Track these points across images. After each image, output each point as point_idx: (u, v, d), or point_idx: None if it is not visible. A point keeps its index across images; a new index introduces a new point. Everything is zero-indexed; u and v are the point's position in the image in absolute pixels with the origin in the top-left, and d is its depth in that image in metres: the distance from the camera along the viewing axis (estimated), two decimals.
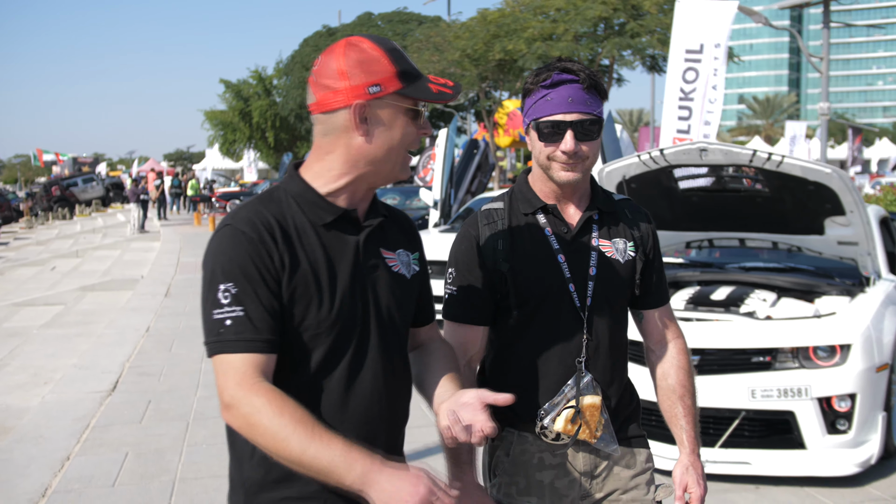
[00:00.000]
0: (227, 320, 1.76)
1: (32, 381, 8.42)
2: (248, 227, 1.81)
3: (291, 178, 1.95)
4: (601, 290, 2.33)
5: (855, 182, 7.84)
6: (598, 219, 2.39)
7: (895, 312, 5.56)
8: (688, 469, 2.37)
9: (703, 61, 11.71)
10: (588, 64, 21.28)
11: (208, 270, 1.81)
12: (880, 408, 5.18)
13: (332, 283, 1.86)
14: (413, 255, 2.09)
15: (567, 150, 2.23)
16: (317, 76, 1.89)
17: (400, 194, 18.37)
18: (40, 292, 15.18)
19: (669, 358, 2.47)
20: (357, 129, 1.86)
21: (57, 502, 5.01)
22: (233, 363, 1.74)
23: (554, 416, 2.28)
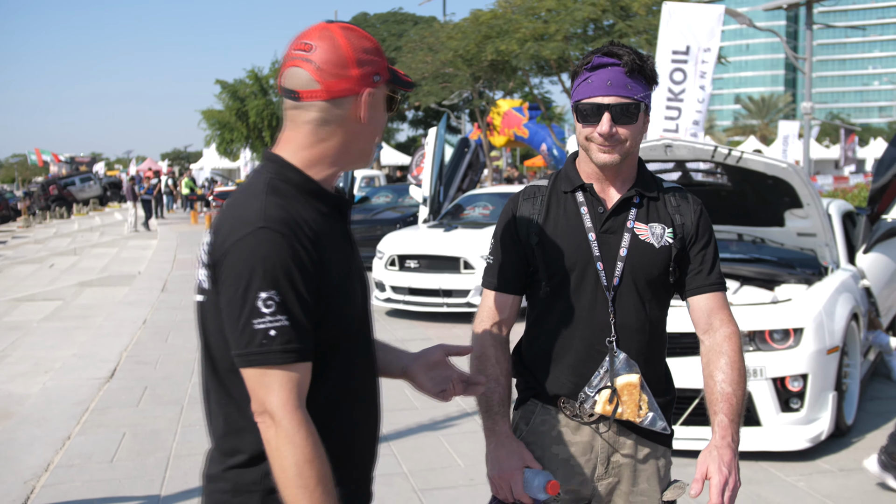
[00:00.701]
0: (270, 330, 1.68)
1: (33, 370, 8.73)
2: (286, 229, 1.73)
3: (286, 167, 1.86)
4: (630, 272, 2.35)
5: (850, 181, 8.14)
6: (639, 202, 2.40)
7: (848, 299, 5.91)
8: (712, 453, 2.22)
9: (690, 62, 12.03)
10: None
11: (244, 275, 1.70)
12: (831, 388, 5.52)
13: (350, 275, 1.87)
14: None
15: (603, 132, 2.26)
16: (318, 62, 1.81)
17: (392, 192, 18.69)
18: (39, 288, 15.46)
19: (714, 346, 2.38)
20: (364, 118, 1.86)
21: (59, 476, 5.35)
22: (278, 377, 1.69)
23: (594, 399, 2.33)
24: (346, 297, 1.83)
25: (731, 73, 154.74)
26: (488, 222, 11.71)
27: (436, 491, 5.02)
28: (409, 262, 10.78)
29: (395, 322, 10.68)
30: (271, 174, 1.84)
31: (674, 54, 11.99)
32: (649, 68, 2.30)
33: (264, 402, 1.68)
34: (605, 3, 19.50)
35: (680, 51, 12.07)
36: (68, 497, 4.98)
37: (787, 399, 5.41)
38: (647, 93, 2.30)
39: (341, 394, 1.85)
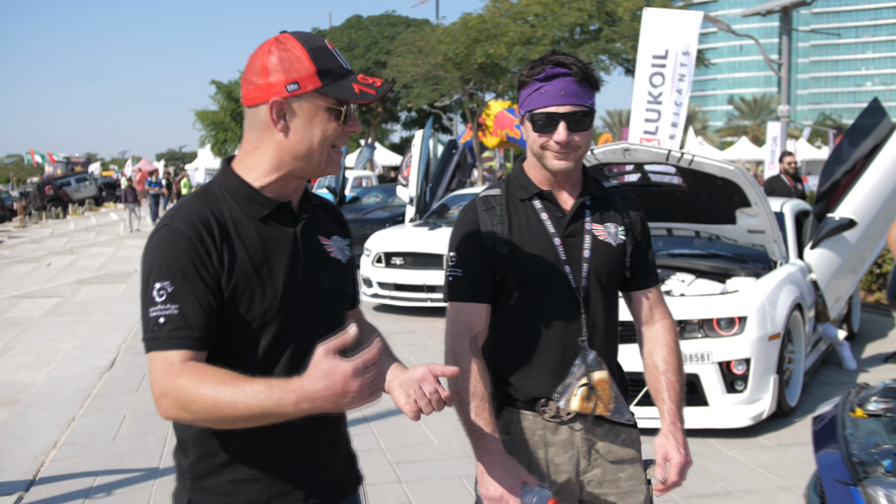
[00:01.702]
0: (160, 318, 1.80)
1: (36, 361, 9.20)
2: (187, 226, 1.86)
3: (225, 173, 2.00)
4: (595, 272, 2.44)
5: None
6: (591, 204, 2.49)
7: (792, 291, 6.42)
8: (668, 438, 2.40)
9: (668, 66, 12.48)
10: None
11: (146, 269, 1.86)
12: (772, 371, 6.03)
13: (274, 274, 1.93)
14: (345, 240, 2.19)
15: (560, 140, 2.34)
16: (245, 72, 1.95)
17: (382, 192, 19.17)
18: (38, 286, 15.85)
19: (656, 336, 2.53)
20: (275, 125, 1.91)
21: (66, 452, 5.84)
22: (164, 359, 1.78)
23: (569, 397, 2.39)
24: (253, 296, 1.89)
25: (725, 73, 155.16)
26: None
27: (409, 464, 5.51)
28: (395, 259, 11.28)
29: (381, 316, 11.17)
30: (215, 180, 2.00)
31: (654, 59, 12.39)
32: (594, 76, 2.39)
33: (153, 388, 1.78)
34: (591, 9, 20.05)
35: (659, 55, 12.46)
36: (75, 470, 5.47)
37: (731, 381, 5.92)
38: (593, 100, 2.40)
39: None
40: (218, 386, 1.69)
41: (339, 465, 2.12)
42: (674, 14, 12.86)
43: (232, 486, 1.93)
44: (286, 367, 1.93)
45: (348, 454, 2.18)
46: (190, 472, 1.95)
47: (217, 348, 1.87)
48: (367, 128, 42.87)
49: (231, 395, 1.67)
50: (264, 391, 1.66)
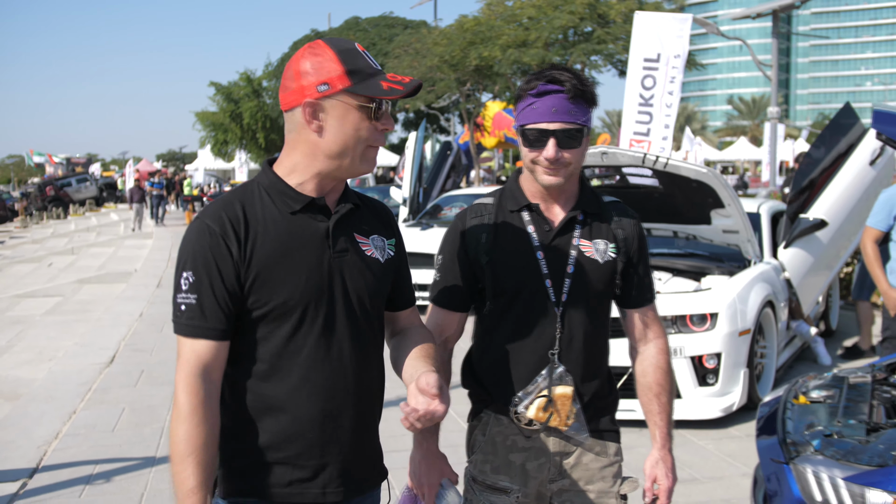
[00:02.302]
0: (182, 305, 1.98)
1: (38, 357, 9.47)
2: (214, 222, 1.99)
3: (265, 172, 2.12)
4: (577, 288, 2.45)
5: None
6: (582, 219, 2.49)
7: (763, 288, 6.70)
8: (657, 462, 2.49)
9: (660, 69, 12.73)
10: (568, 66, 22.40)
11: (179, 257, 2.02)
12: (743, 365, 6.31)
13: (298, 265, 2.01)
14: (389, 240, 2.22)
15: (549, 157, 2.36)
16: (282, 78, 2.06)
17: (379, 193, 19.48)
18: (39, 285, 16.11)
19: (649, 357, 2.56)
20: (309, 125, 2.00)
21: (68, 442, 6.12)
22: (185, 346, 1.97)
23: (527, 404, 2.43)
24: (275, 285, 2.00)
25: (725, 73, 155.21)
26: None
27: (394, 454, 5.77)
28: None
29: None
30: (256, 178, 2.14)
31: (645, 62, 12.62)
32: (590, 92, 2.40)
33: (176, 367, 1.98)
34: (584, 12, 20.33)
35: (651, 58, 12.69)
36: (76, 459, 5.75)
37: (703, 375, 6.20)
38: (588, 116, 2.40)
39: (273, 374, 2.03)
40: (190, 438, 1.89)
41: (364, 457, 2.16)
42: (664, 17, 13.11)
43: (255, 468, 2.03)
44: (310, 357, 2.03)
45: (374, 449, 2.22)
46: (220, 454, 2.03)
47: (245, 334, 2.02)
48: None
49: (182, 453, 1.89)
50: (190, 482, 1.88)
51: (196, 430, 1.90)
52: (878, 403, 3.58)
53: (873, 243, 5.77)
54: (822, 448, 3.10)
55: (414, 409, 1.92)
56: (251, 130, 43.04)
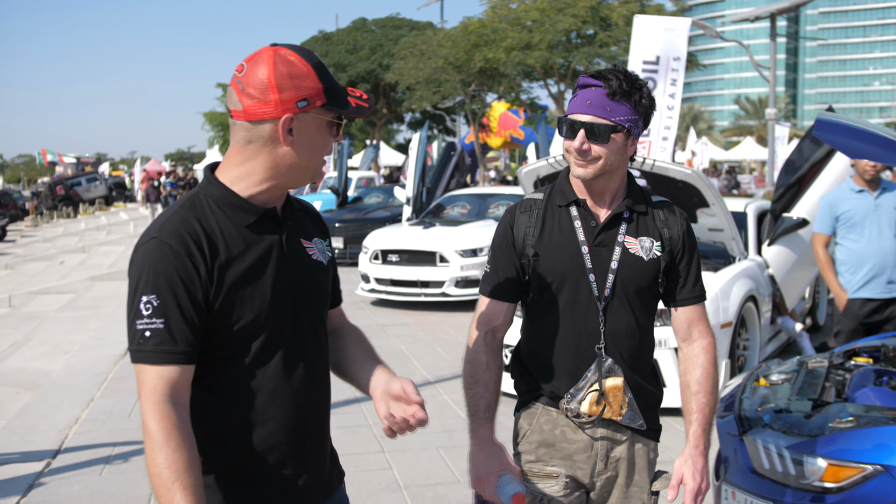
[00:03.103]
0: (146, 331, 1.84)
1: (54, 351, 9.86)
2: (175, 240, 1.88)
3: (211, 182, 2.02)
4: (621, 284, 2.47)
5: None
6: (629, 216, 2.52)
7: (746, 284, 7.04)
8: (686, 462, 2.44)
9: (660, 72, 13.06)
10: (563, 70, 23.09)
11: (133, 280, 1.88)
12: (724, 356, 6.65)
13: (263, 281, 1.97)
14: (325, 241, 2.22)
15: (575, 147, 2.40)
16: (243, 84, 1.92)
17: (383, 192, 19.86)
18: (52, 282, 16.46)
19: (692, 356, 2.56)
20: (283, 140, 1.93)
21: (87, 427, 6.51)
22: (148, 374, 1.83)
23: (580, 399, 2.48)
24: (244, 304, 1.94)
25: (732, 73, 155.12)
26: (465, 220, 12.92)
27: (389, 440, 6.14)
28: (391, 256, 11.93)
29: (378, 310, 11.83)
30: (200, 189, 2.03)
31: (644, 64, 12.91)
32: (639, 95, 2.40)
33: (140, 397, 1.85)
34: (586, 15, 20.67)
35: (650, 61, 12.99)
36: (95, 441, 6.13)
37: None
38: (630, 118, 2.40)
39: (239, 392, 1.98)
40: (171, 465, 1.78)
41: (327, 461, 2.18)
42: (664, 21, 13.43)
43: (230, 485, 2.00)
44: (278, 371, 2.01)
45: (332, 450, 2.26)
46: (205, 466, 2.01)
47: (209, 354, 1.94)
48: (373, 129, 43.45)
49: (165, 482, 1.77)
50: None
51: (175, 454, 1.79)
52: (831, 385, 3.93)
53: (823, 248, 6.12)
54: (771, 422, 3.46)
55: (392, 416, 1.98)
56: None
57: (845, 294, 5.97)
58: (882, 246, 5.83)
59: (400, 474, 5.44)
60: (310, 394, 2.07)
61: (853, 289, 5.93)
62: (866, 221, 5.89)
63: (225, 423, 1.97)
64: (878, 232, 5.85)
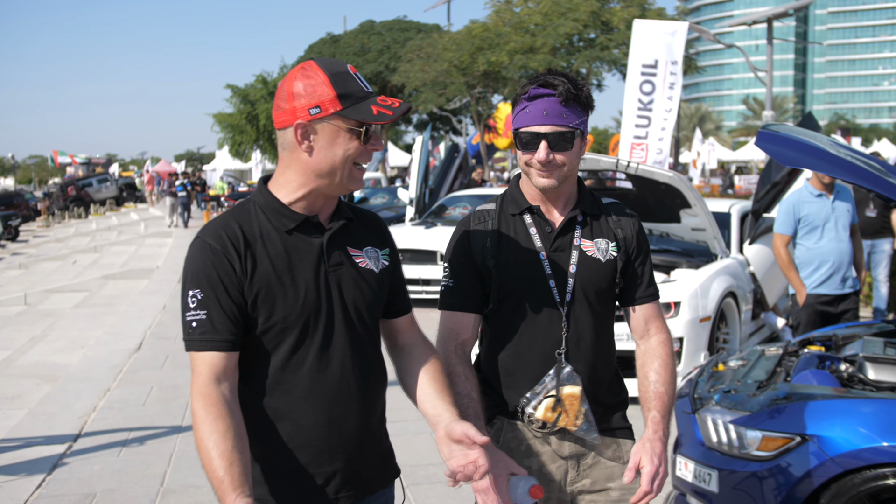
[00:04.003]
0: (193, 322, 2.04)
1: (71, 345, 10.31)
2: (214, 240, 2.07)
3: (260, 191, 2.17)
4: (581, 287, 2.48)
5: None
6: (582, 220, 2.53)
7: (725, 280, 7.44)
8: (644, 445, 2.40)
9: (659, 75, 13.38)
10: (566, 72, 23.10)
11: (184, 277, 2.09)
12: (703, 349, 7.05)
13: (296, 282, 2.08)
14: (382, 251, 2.28)
15: (540, 159, 2.39)
16: (276, 97, 2.11)
17: (388, 193, 20.31)
18: (66, 281, 16.89)
19: (650, 350, 2.56)
20: (300, 146, 2.06)
21: (104, 414, 6.96)
22: (197, 360, 2.03)
23: (535, 405, 2.46)
24: (275, 301, 2.08)
25: (741, 73, 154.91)
26: None
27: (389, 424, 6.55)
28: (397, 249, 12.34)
29: None
30: (251, 196, 2.20)
31: (643, 68, 13.24)
32: (584, 95, 2.43)
33: (192, 383, 2.04)
34: (587, 19, 21.10)
35: (649, 64, 13.30)
36: (113, 427, 6.58)
37: None
38: (582, 119, 2.44)
39: (275, 387, 2.11)
40: (210, 436, 1.94)
41: (371, 459, 2.24)
42: (662, 25, 13.78)
43: (266, 478, 2.12)
44: (312, 370, 2.11)
45: (383, 450, 2.31)
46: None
47: (247, 349, 2.09)
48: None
49: (206, 451, 1.93)
50: (219, 472, 1.90)
51: (214, 424, 1.94)
52: (782, 370, 4.34)
53: (784, 248, 6.53)
54: (720, 401, 3.87)
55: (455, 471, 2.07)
56: (267, 131, 43.70)
57: (805, 290, 6.40)
58: (839, 247, 6.31)
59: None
60: (347, 395, 2.14)
61: (813, 285, 6.37)
62: (825, 224, 6.33)
63: (262, 415, 2.09)
64: (836, 234, 6.32)
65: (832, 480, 3.37)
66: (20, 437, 6.35)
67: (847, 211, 6.34)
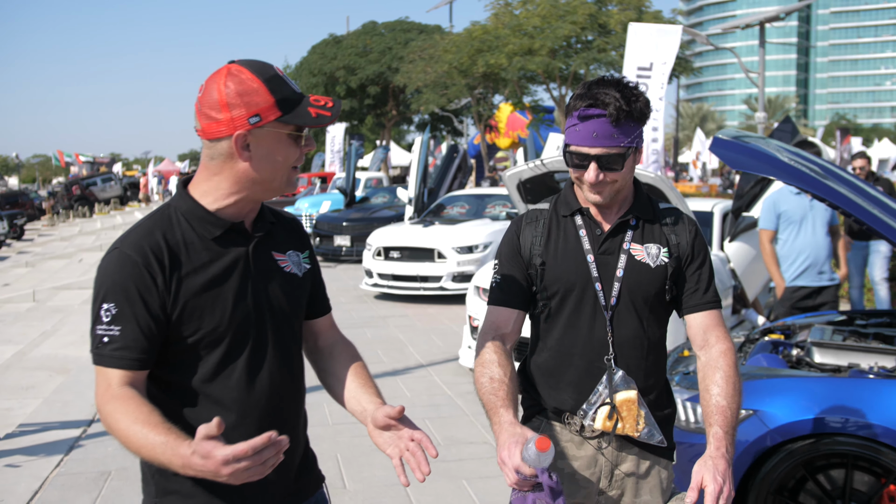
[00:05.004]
0: (104, 337, 1.92)
1: (81, 339, 10.65)
2: (135, 252, 1.94)
3: (181, 196, 2.06)
4: (627, 291, 2.42)
5: None
6: (635, 224, 2.47)
7: None
8: (707, 463, 2.24)
9: (653, 77, 13.77)
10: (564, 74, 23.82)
11: (96, 288, 1.96)
12: (683, 341, 7.42)
13: (224, 292, 2.01)
14: (303, 254, 2.23)
15: (590, 180, 2.35)
16: (200, 104, 1.96)
17: (389, 192, 20.69)
18: (73, 278, 17.25)
19: (712, 361, 2.43)
20: (240, 156, 1.96)
21: None
22: (104, 375, 1.92)
23: (593, 415, 2.41)
24: (203, 315, 1.98)
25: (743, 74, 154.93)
26: (463, 219, 13.76)
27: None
28: (393, 252, 12.77)
29: (380, 303, 12.70)
30: (171, 202, 2.08)
31: (638, 70, 13.62)
32: (638, 110, 2.34)
33: (96, 398, 1.94)
34: (585, 22, 21.48)
35: (644, 66, 13.69)
36: None
37: None
38: (635, 134, 2.36)
39: (203, 401, 2.01)
40: (132, 425, 1.82)
41: (301, 468, 2.20)
42: (656, 28, 14.15)
43: (195, 489, 2.02)
44: (241, 382, 2.03)
45: (309, 457, 2.27)
46: (152, 478, 2.07)
47: (171, 362, 2.00)
48: (382, 130, 44.29)
49: (137, 439, 1.81)
50: (161, 446, 1.77)
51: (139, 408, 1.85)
52: (741, 355, 4.73)
53: (769, 243, 7.00)
54: (680, 381, 4.26)
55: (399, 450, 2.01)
56: None
57: (784, 282, 6.79)
58: (816, 241, 6.68)
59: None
60: (276, 406, 2.09)
61: (790, 278, 6.77)
62: (803, 220, 6.71)
63: (186, 427, 1.87)
64: (813, 229, 6.69)
65: (773, 449, 3.78)
66: (37, 423, 6.76)
67: (825, 210, 6.74)
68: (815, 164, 4.06)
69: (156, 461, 1.80)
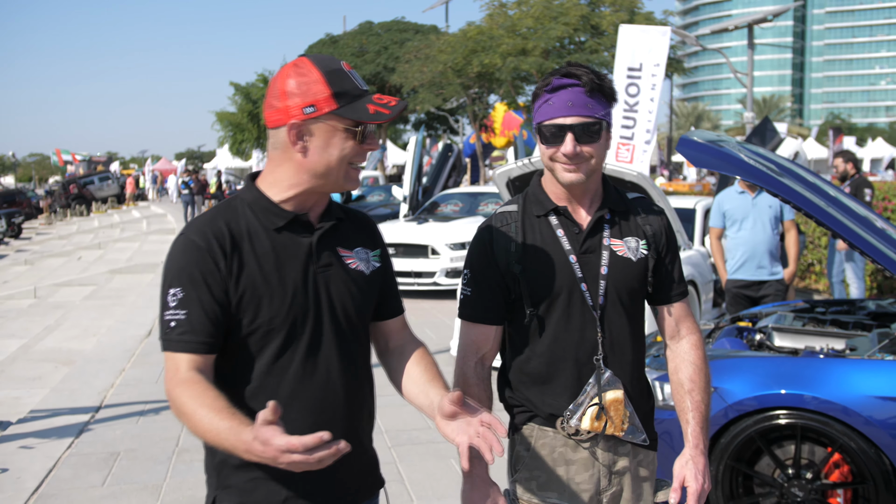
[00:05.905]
0: (171, 322, 1.95)
1: (84, 333, 11.02)
2: (199, 237, 1.98)
3: (248, 188, 2.10)
4: (614, 289, 2.37)
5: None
6: (610, 218, 2.41)
7: (685, 269, 8.16)
8: (687, 463, 2.34)
9: (643, 78, 14.06)
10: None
11: (164, 274, 2.00)
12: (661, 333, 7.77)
13: (284, 282, 2.01)
14: (373, 252, 2.21)
15: (567, 152, 2.25)
16: (267, 95, 2.03)
17: (385, 191, 21.08)
18: (73, 276, 17.47)
19: (682, 353, 2.47)
20: (294, 146, 1.98)
21: (121, 390, 7.71)
22: (173, 360, 1.94)
23: (580, 416, 2.36)
24: (261, 303, 2.00)
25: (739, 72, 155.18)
26: (456, 216, 14.09)
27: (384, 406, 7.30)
28: (388, 249, 13.07)
29: None
30: (238, 193, 2.12)
31: (629, 71, 13.88)
32: (608, 87, 2.31)
33: (165, 383, 1.95)
34: (577, 23, 21.80)
35: (634, 68, 13.96)
36: (130, 400, 7.32)
37: None
38: (607, 111, 2.32)
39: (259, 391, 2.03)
40: (198, 409, 1.83)
41: (357, 468, 2.17)
42: (646, 30, 14.45)
43: (252, 484, 2.03)
44: (297, 374, 2.04)
45: (369, 458, 2.24)
46: (215, 471, 2.09)
47: (232, 352, 2.02)
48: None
49: (203, 423, 1.82)
50: (226, 431, 1.79)
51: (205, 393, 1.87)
52: (711, 341, 5.07)
53: (717, 239, 7.61)
54: (650, 363, 4.60)
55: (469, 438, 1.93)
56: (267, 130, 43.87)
57: (727, 275, 7.38)
58: (754, 238, 7.21)
59: (382, 423, 6.59)
60: (334, 400, 2.08)
61: (731, 271, 7.36)
62: (745, 218, 7.25)
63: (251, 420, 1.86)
64: (752, 226, 7.23)
65: (730, 423, 4.12)
66: (47, 409, 7.09)
67: (769, 207, 7.19)
68: (773, 162, 4.40)
69: (221, 446, 1.83)
